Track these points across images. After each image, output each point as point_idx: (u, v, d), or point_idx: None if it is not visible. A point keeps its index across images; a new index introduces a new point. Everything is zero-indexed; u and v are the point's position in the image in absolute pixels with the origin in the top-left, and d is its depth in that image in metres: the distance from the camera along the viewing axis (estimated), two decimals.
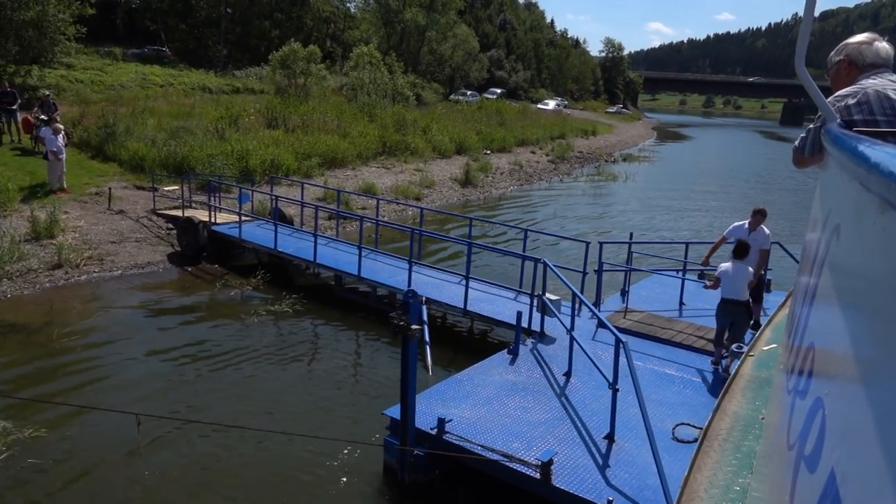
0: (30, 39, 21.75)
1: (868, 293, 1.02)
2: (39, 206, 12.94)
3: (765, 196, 28.89)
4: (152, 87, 29.37)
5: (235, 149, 18.43)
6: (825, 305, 1.45)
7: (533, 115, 46.23)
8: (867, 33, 2.50)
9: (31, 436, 6.46)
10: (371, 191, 18.40)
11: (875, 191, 1.01)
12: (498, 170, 27.08)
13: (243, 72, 38.06)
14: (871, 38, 2.44)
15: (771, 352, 4.02)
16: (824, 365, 1.33)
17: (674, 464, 5.16)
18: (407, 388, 5.81)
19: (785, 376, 2.02)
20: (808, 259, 1.98)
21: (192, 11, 41.48)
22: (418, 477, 6.02)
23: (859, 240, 1.16)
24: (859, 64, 2.40)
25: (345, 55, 42.70)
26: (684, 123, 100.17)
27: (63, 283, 11.01)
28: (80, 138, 17.96)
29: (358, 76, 34.22)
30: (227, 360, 8.67)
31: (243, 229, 12.51)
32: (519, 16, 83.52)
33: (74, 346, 8.74)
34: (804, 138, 2.34)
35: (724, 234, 8.36)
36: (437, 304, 9.61)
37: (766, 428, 2.68)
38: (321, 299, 11.10)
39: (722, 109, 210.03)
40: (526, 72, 72.77)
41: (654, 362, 7.69)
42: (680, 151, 51.95)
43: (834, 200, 1.58)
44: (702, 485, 2.73)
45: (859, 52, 2.41)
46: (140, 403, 7.15)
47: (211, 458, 6.46)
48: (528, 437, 5.88)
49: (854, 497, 0.88)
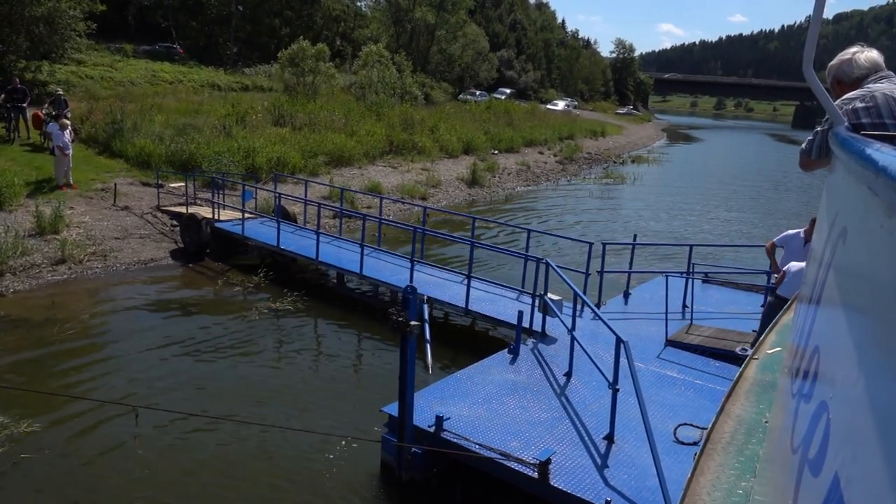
0: (40, 35, 21.82)
1: (874, 297, 1.02)
2: (45, 202, 12.98)
3: (774, 197, 28.69)
4: (162, 84, 29.51)
5: (242, 146, 18.46)
6: (830, 309, 1.45)
7: (542, 115, 46.17)
8: (853, 47, 2.52)
9: (27, 429, 6.42)
10: (377, 190, 18.37)
11: (882, 194, 1.01)
12: (505, 170, 27.01)
13: (253, 69, 38.23)
14: (851, 53, 2.46)
15: (775, 355, 3.94)
16: (829, 368, 1.33)
17: (674, 466, 5.08)
18: (405, 386, 5.75)
19: (789, 379, 2.04)
20: (814, 262, 1.98)
21: (203, 9, 41.71)
22: (415, 474, 5.97)
23: (866, 243, 1.15)
24: (846, 80, 2.43)
25: (355, 54, 42.76)
26: (695, 125, 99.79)
27: (66, 279, 11.01)
28: (87, 134, 18.03)
29: (366, 75, 34.24)
30: (228, 357, 8.65)
31: (246, 226, 12.49)
32: (529, 16, 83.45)
33: (75, 341, 8.73)
34: (811, 141, 2.34)
35: (774, 241, 7.93)
36: (439, 303, 9.55)
37: (770, 431, 2.66)
38: (323, 297, 11.06)
39: (733, 112, 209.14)
40: (536, 72, 72.69)
41: (656, 363, 7.58)
42: (690, 153, 51.71)
43: (841, 203, 1.58)
44: (704, 488, 2.69)
45: (842, 70, 2.45)
46: (139, 398, 7.13)
47: (208, 452, 6.42)
48: (527, 436, 5.81)
49: (858, 501, 0.87)
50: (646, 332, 8.57)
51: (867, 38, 4.06)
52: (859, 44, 2.52)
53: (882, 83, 2.27)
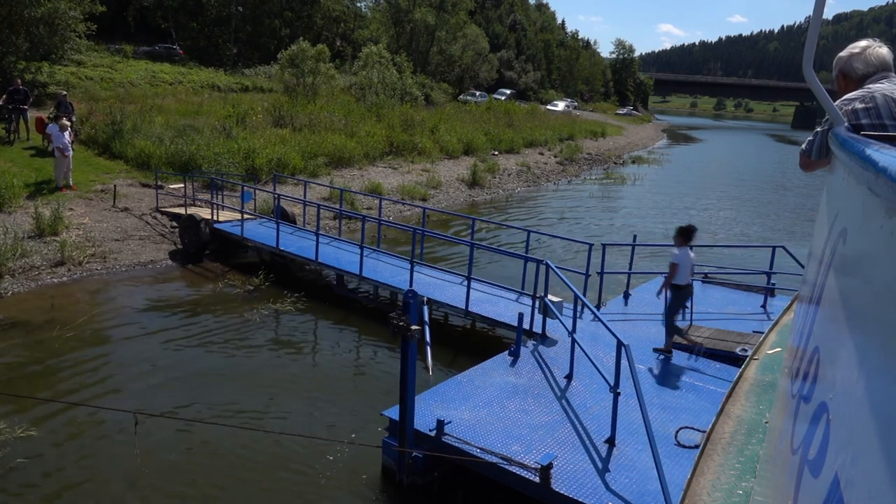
0: (40, 36, 21.79)
1: (874, 298, 1.02)
2: (44, 203, 12.96)
3: (774, 197, 28.68)
4: (162, 85, 29.51)
5: (242, 147, 18.45)
6: (830, 309, 1.45)
7: (542, 116, 46.13)
8: (862, 41, 2.49)
9: (22, 434, 6.37)
10: (377, 191, 18.35)
11: (882, 195, 1.02)
12: (505, 171, 26.99)
13: (252, 70, 38.24)
14: (863, 47, 2.43)
15: (775, 355, 3.93)
16: (829, 369, 1.33)
17: (676, 469, 5.06)
18: (406, 389, 5.73)
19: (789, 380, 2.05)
20: (814, 262, 1.98)
21: (203, 9, 41.74)
22: (416, 479, 5.94)
23: (866, 244, 1.16)
24: (853, 76, 2.41)
25: (355, 55, 42.77)
26: (695, 126, 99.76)
27: (65, 281, 11.00)
28: (87, 135, 18.03)
29: (367, 76, 34.25)
30: (228, 359, 8.63)
31: (245, 227, 12.48)
32: (529, 16, 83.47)
33: (75, 343, 8.70)
34: (811, 141, 2.33)
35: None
36: (439, 304, 9.54)
37: (770, 432, 2.67)
38: (323, 298, 11.04)
39: (733, 112, 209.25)
40: (536, 73, 72.68)
41: (657, 365, 7.57)
42: (690, 154, 51.68)
43: (841, 204, 1.59)
44: (705, 488, 2.70)
45: (850, 64, 2.43)
46: (139, 402, 7.09)
47: (207, 457, 6.39)
48: (528, 439, 5.79)
49: (858, 502, 0.88)
50: (646, 333, 8.55)
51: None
52: (871, 39, 2.49)
53: (882, 83, 2.26)
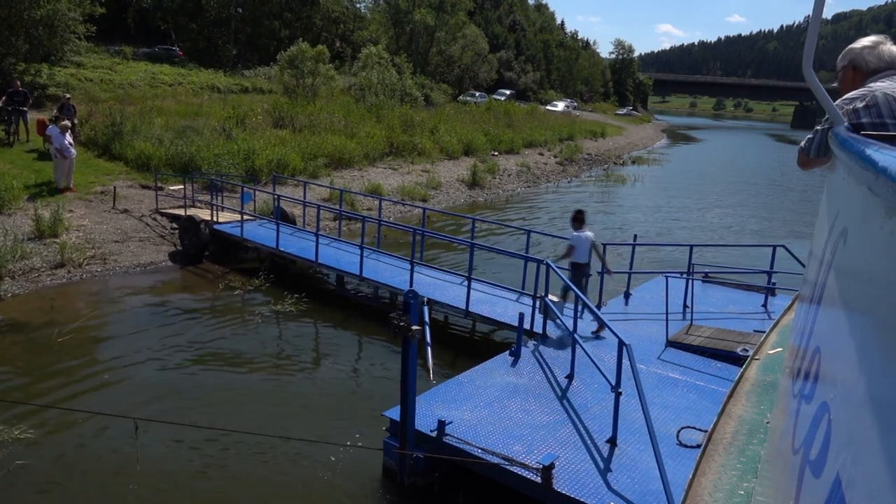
0: (40, 37, 21.80)
1: (875, 298, 1.02)
2: (44, 205, 12.96)
3: (773, 197, 28.67)
4: (161, 87, 29.50)
5: (242, 148, 18.44)
6: (831, 309, 1.45)
7: (541, 116, 46.13)
8: (873, 36, 2.47)
9: (20, 436, 6.35)
10: (377, 191, 18.34)
11: (882, 195, 1.02)
12: (505, 171, 27.00)
13: (252, 71, 38.23)
14: (875, 42, 2.41)
15: (776, 355, 3.93)
16: (830, 369, 1.33)
17: (678, 469, 5.06)
18: (407, 390, 5.73)
19: (790, 380, 2.04)
20: (815, 262, 1.99)
21: (202, 11, 41.73)
22: (417, 479, 5.93)
23: (866, 244, 1.16)
24: (863, 69, 2.39)
25: (354, 55, 42.78)
26: (694, 126, 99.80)
27: (65, 282, 11.00)
28: (87, 137, 18.01)
29: (366, 76, 34.26)
30: (228, 361, 8.63)
31: (245, 229, 12.47)
32: (529, 17, 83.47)
33: (74, 346, 8.69)
34: (810, 139, 2.32)
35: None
36: (439, 304, 9.53)
37: (772, 432, 2.66)
38: (323, 299, 11.04)
39: (732, 112, 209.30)
40: (535, 73, 72.69)
41: (657, 365, 7.57)
42: (690, 154, 51.68)
43: (841, 204, 1.59)
44: (706, 488, 2.69)
45: (862, 56, 2.40)
46: (138, 405, 7.08)
47: (208, 460, 6.37)
48: (530, 440, 5.78)
49: (860, 502, 0.87)
50: (646, 332, 8.56)
51: None
52: (882, 35, 2.47)
53: (884, 82, 2.24)
